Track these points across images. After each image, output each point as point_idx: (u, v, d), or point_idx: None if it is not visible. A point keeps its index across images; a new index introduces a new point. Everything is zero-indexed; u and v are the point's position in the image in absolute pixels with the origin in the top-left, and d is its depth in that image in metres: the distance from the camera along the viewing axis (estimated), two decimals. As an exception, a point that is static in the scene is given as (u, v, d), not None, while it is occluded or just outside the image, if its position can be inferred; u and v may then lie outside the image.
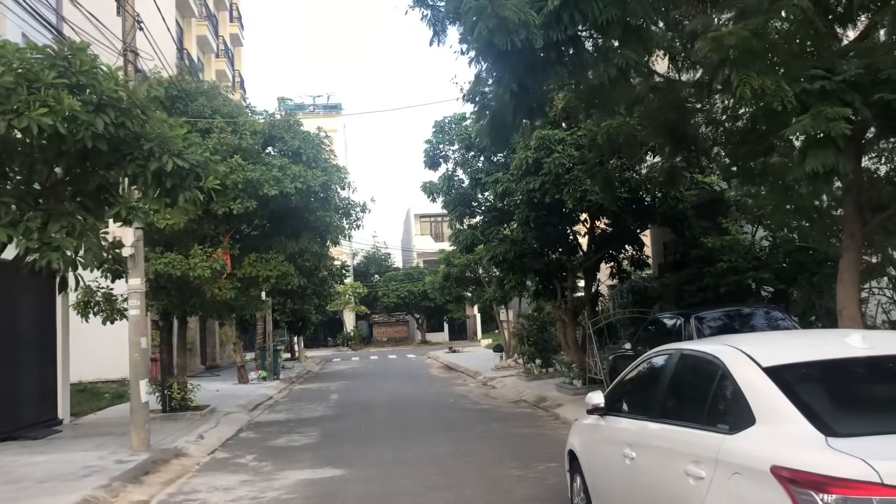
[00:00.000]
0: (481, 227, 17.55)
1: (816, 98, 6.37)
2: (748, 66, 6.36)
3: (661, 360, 5.40)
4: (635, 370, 5.85)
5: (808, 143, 6.51)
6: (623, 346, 13.93)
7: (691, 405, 4.69)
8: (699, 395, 4.61)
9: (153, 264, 14.55)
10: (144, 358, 12.23)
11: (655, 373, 5.38)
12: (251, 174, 14.99)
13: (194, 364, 33.06)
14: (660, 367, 5.33)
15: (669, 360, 5.14)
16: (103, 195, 7.73)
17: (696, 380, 4.77)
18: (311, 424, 15.63)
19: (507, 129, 9.19)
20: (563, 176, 13.92)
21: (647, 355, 5.71)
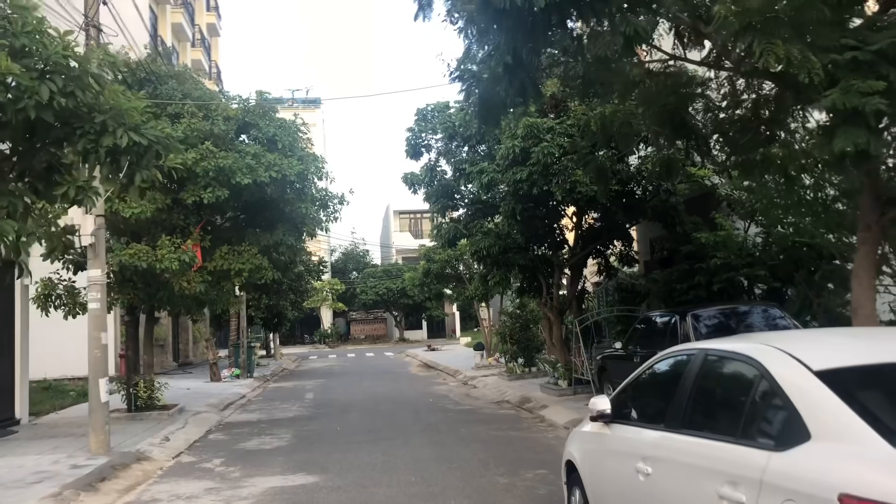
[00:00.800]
0: (464, 220, 16.83)
1: (846, 70, 5.75)
2: (772, 33, 5.74)
3: (679, 362, 4.74)
4: (647, 373, 5.19)
5: (838, 121, 5.89)
6: (613, 346, 13.33)
7: (722, 415, 4.02)
8: (732, 404, 3.95)
9: (117, 255, 13.71)
10: (105, 354, 11.42)
11: (673, 376, 4.71)
12: (223, 161, 14.19)
13: (166, 361, 32.12)
14: (678, 369, 4.66)
15: (691, 362, 4.46)
16: (54, 175, 6.94)
17: (728, 385, 4.12)
18: (285, 425, 14.87)
19: (497, 109, 8.51)
20: (552, 166, 13.26)
21: (662, 356, 5.05)
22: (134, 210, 13.88)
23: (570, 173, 13.00)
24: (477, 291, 25.79)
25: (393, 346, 53.30)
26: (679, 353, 4.81)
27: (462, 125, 15.55)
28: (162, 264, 13.76)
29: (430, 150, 17.20)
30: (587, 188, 12.91)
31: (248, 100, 16.25)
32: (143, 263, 13.70)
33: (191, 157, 14.03)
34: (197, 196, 14.53)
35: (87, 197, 6.58)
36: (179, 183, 14.98)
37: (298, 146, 16.08)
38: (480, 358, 26.00)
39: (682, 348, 4.82)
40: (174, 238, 14.35)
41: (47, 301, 14.58)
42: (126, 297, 15.16)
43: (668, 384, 4.72)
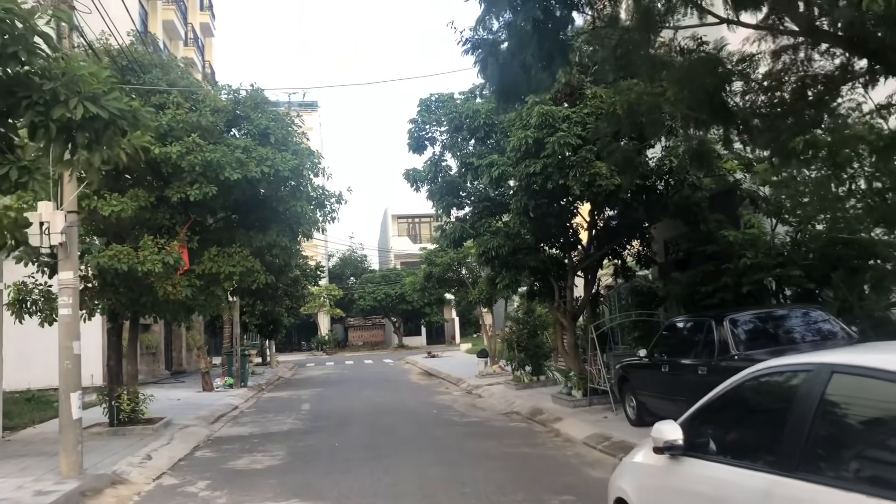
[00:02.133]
0: (471, 219, 15.70)
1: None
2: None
3: (787, 380, 3.63)
4: (732, 393, 4.08)
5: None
6: (636, 353, 12.23)
7: (873, 456, 2.93)
8: (888, 442, 2.85)
9: (96, 257, 12.60)
10: (77, 366, 10.30)
11: (778, 398, 3.61)
12: (210, 155, 13.10)
13: (158, 370, 31.00)
14: (787, 390, 3.56)
15: (809, 382, 3.36)
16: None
17: (879, 416, 3.02)
18: (279, 441, 13.74)
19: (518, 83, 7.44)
20: (569, 158, 12.18)
21: (755, 372, 3.93)
22: (114, 208, 12.79)
23: (588, 165, 11.91)
24: (481, 296, 24.72)
25: (392, 353, 52.15)
26: (787, 369, 3.70)
27: (469, 116, 14.45)
28: (144, 267, 12.66)
29: (434, 143, 16.06)
30: (607, 181, 11.81)
31: (238, 90, 15.17)
32: (124, 266, 12.59)
33: (175, 150, 12.96)
34: (183, 193, 13.45)
35: (34, 179, 5.48)
36: (164, 179, 13.95)
37: (293, 140, 15.01)
38: (484, 366, 24.89)
39: (793, 363, 3.71)
40: (158, 239, 13.25)
41: (21, 307, 13.50)
42: (106, 303, 14.05)
43: (771, 410, 3.62)
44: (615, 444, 11.02)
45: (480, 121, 14.27)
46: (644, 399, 11.92)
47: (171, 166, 13.32)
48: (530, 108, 12.56)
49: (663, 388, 11.20)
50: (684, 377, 10.55)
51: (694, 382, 10.15)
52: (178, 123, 13.43)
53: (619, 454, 10.46)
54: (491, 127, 14.32)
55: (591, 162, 11.95)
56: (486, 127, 14.33)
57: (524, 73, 7.08)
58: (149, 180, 14.72)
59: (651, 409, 11.84)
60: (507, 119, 13.69)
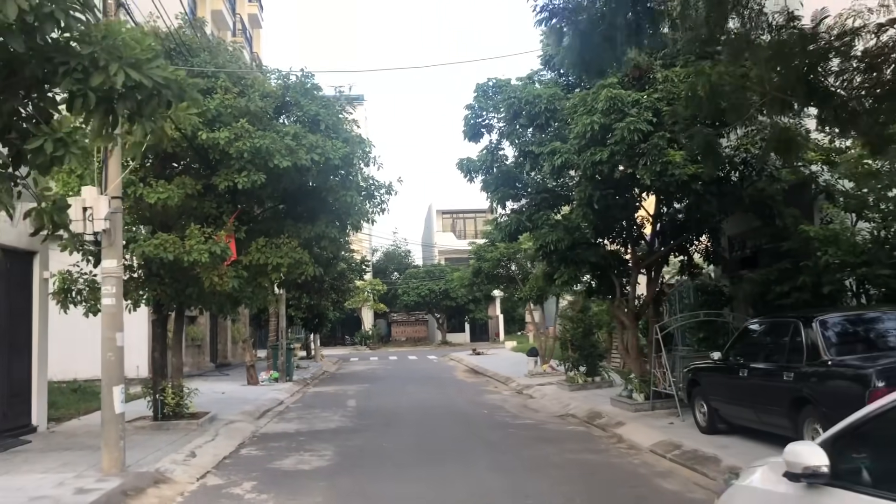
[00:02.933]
0: (528, 211, 14.90)
1: None
2: None
3: None
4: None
5: None
6: (709, 355, 11.38)
7: None
8: None
9: (141, 245, 12.20)
10: (120, 358, 9.88)
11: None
12: (260, 142, 12.59)
13: (204, 362, 30.91)
14: None
15: None
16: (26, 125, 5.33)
17: None
18: (326, 440, 13.22)
19: (600, 53, 6.71)
20: (639, 145, 11.37)
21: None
22: (160, 195, 12.38)
23: (660, 153, 11.09)
24: (531, 293, 23.93)
25: (435, 349, 51.61)
26: None
27: (528, 102, 13.66)
28: (190, 256, 12.22)
29: (491, 130, 15.28)
30: (681, 171, 10.98)
31: (288, 75, 14.66)
32: (170, 255, 12.18)
33: (223, 136, 12.49)
34: (230, 181, 12.98)
35: (70, 153, 4.94)
36: (211, 166, 13.51)
37: (343, 127, 14.45)
38: (534, 365, 24.13)
39: None
40: (205, 228, 12.80)
41: (66, 297, 13.20)
42: (151, 294, 13.68)
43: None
44: (687, 454, 10.23)
45: (541, 106, 13.50)
46: (717, 405, 11.09)
47: (219, 153, 12.87)
48: (596, 93, 11.79)
49: (741, 395, 10.36)
50: (767, 383, 9.72)
51: (778, 389, 9.34)
52: (226, 108, 12.96)
53: (693, 464, 9.69)
54: (552, 113, 13.54)
55: (663, 149, 11.12)
56: (547, 113, 13.55)
57: (606, 44, 6.36)
58: (196, 168, 14.32)
59: (725, 417, 11.01)
60: (569, 105, 12.92)
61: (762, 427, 10.11)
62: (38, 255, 14.04)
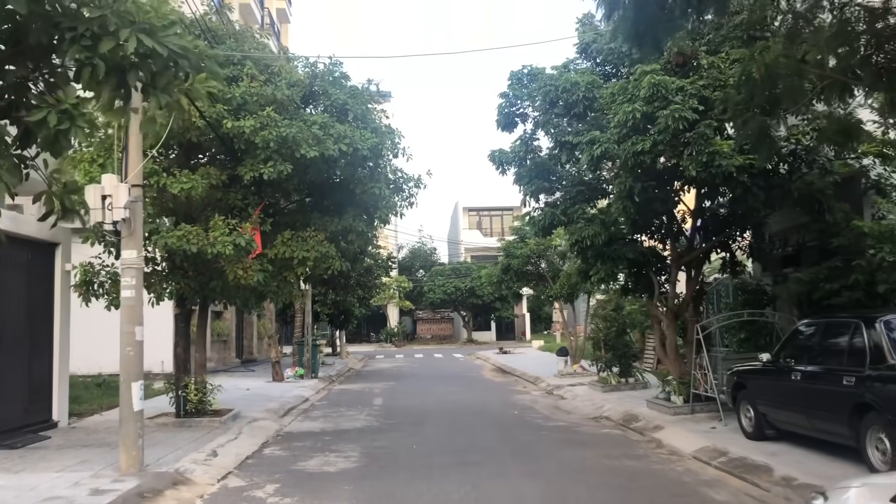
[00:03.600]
0: (562, 204, 14.31)
1: None
2: None
3: None
4: None
5: None
6: (759, 357, 10.72)
7: None
8: None
9: (164, 237, 11.83)
10: (139, 353, 9.48)
11: None
12: (286, 131, 12.17)
13: (229, 358, 30.71)
14: None
15: None
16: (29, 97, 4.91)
17: None
18: (352, 440, 12.77)
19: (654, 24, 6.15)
20: (683, 134, 10.76)
21: None
22: (183, 185, 12.01)
23: (706, 142, 10.46)
24: (562, 291, 23.32)
25: (461, 347, 51.09)
26: None
27: (565, 90, 13.03)
28: (214, 249, 11.84)
29: (525, 120, 14.70)
30: (728, 161, 10.35)
31: (315, 63, 14.22)
32: (193, 247, 11.80)
33: (249, 124, 12.08)
34: (256, 171, 12.57)
35: (76, 127, 4.50)
36: (236, 156, 13.14)
37: (372, 117, 13.98)
38: (564, 364, 23.52)
39: None
40: (229, 219, 12.41)
41: (88, 289, 12.89)
42: (175, 287, 13.32)
43: None
44: (734, 461, 9.62)
45: (579, 94, 12.88)
46: (766, 410, 10.45)
47: (244, 142, 12.47)
48: (638, 79, 11.18)
49: (794, 400, 9.73)
50: (823, 387, 9.09)
51: (836, 394, 8.72)
52: (251, 97, 12.55)
53: (742, 472, 9.09)
54: (590, 102, 12.92)
55: (709, 139, 10.49)
56: (585, 101, 12.94)
57: (663, 14, 5.82)
58: (221, 159, 13.95)
59: (773, 422, 10.38)
60: (607, 93, 12.32)
61: (815, 434, 9.49)
62: (61, 247, 13.76)
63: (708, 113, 10.90)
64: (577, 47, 14.40)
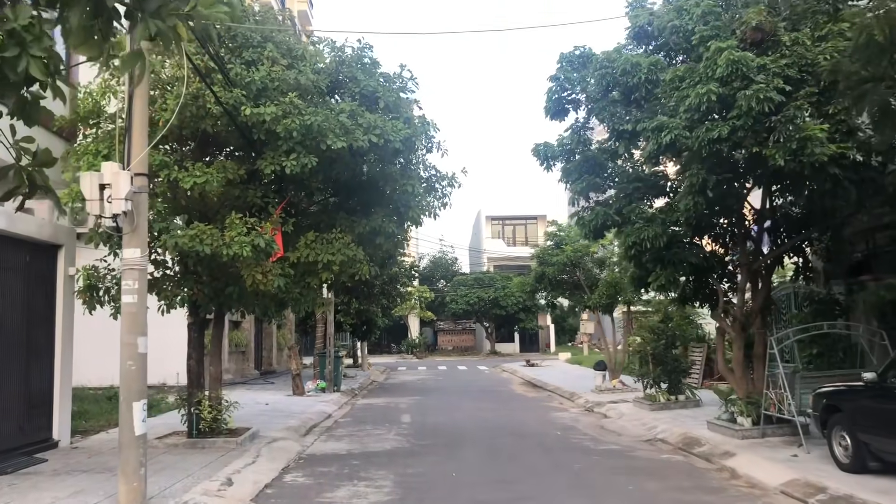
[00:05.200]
0: (616, 203, 12.86)
1: None
2: None
3: None
4: None
5: None
6: (862, 377, 9.23)
7: None
8: None
9: (174, 237, 10.56)
10: (142, 368, 8.18)
11: None
12: (311, 119, 10.89)
13: (248, 369, 29.50)
14: None
15: None
16: None
17: None
18: (382, 465, 11.41)
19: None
20: (768, 118, 9.36)
21: None
22: (196, 179, 10.76)
23: (796, 127, 9.03)
24: (600, 300, 21.85)
25: (484, 359, 49.62)
26: None
27: (626, 72, 11.54)
28: (230, 250, 10.56)
29: (577, 107, 13.28)
30: (822, 148, 8.91)
31: (343, 48, 12.94)
32: (207, 248, 10.52)
33: (269, 111, 10.81)
34: (277, 165, 11.29)
35: (29, 56, 3.20)
36: (256, 149, 11.87)
37: (405, 108, 12.67)
38: (602, 380, 22.00)
39: None
40: (247, 218, 11.14)
41: (92, 295, 11.66)
42: (188, 294, 12.06)
43: None
44: (839, 501, 8.15)
45: (640, 77, 11.42)
46: (868, 438, 8.96)
47: (265, 132, 11.21)
48: (712, 57, 9.79)
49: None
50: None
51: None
52: (272, 81, 11.30)
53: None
54: (654, 85, 11.50)
55: (800, 123, 9.05)
56: (647, 85, 11.52)
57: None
58: (239, 155, 12.70)
59: (879, 453, 8.89)
60: (669, 77, 10.90)
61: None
62: (64, 249, 12.58)
63: (795, 95, 9.48)
64: (630, 31, 12.96)
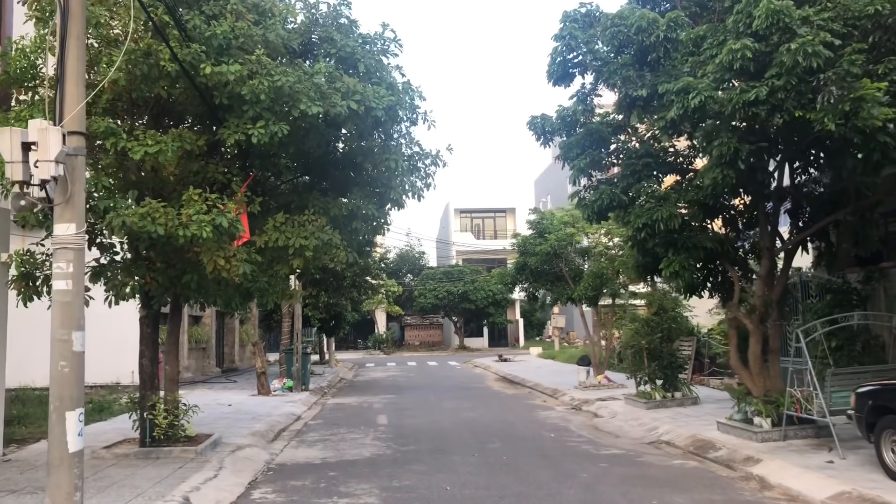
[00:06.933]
0: (623, 181, 11.53)
1: None
2: None
3: None
4: None
5: None
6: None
7: None
8: None
9: (121, 214, 9.02)
10: (76, 369, 6.67)
11: None
12: (282, 79, 9.44)
13: (209, 367, 27.79)
14: None
15: None
16: None
17: None
18: (364, 476, 10.03)
19: None
20: (815, 76, 8.12)
21: None
22: (148, 149, 9.25)
23: (849, 85, 7.83)
24: (585, 292, 20.65)
25: (453, 354, 48.44)
26: None
27: (641, 29, 10.09)
28: (188, 231, 9.07)
29: (585, 71, 11.88)
30: (878, 110, 7.68)
31: (317, 4, 11.47)
32: (160, 228, 9.02)
33: (233, 70, 9.32)
34: (243, 133, 9.81)
35: None
36: (218, 116, 10.36)
37: (386, 72, 11.26)
38: (586, 375, 20.85)
39: None
40: (207, 193, 9.64)
41: (28, 284, 10.08)
42: (139, 282, 10.51)
43: None
44: (907, 520, 6.99)
45: (658, 35, 10.07)
46: (931, 445, 7.83)
47: (227, 95, 9.72)
48: (745, 9, 8.55)
49: None
50: None
51: None
52: (236, 39, 9.79)
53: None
54: (673, 44, 10.18)
55: (854, 79, 7.84)
56: (665, 44, 10.17)
57: None
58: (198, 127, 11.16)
59: (943, 462, 7.76)
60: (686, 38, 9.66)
61: None
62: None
63: (841, 52, 8.27)
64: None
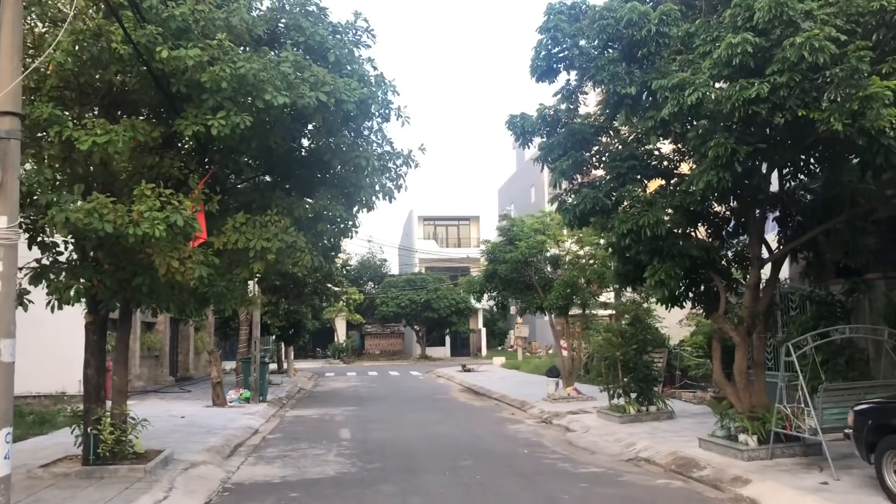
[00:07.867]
0: (606, 185, 10.95)
1: None
2: None
3: None
4: None
5: None
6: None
7: None
8: None
9: (64, 210, 8.17)
10: (5, 382, 5.84)
11: None
12: (246, 66, 8.70)
13: (162, 376, 26.62)
14: None
15: None
16: None
17: None
18: (327, 496, 9.28)
19: None
20: (820, 73, 7.65)
21: None
22: (96, 138, 8.43)
23: (856, 83, 7.37)
24: (556, 302, 20.12)
25: (415, 364, 47.73)
26: None
27: (631, 23, 9.54)
28: (139, 229, 8.27)
29: (570, 67, 11.28)
30: (886, 110, 7.24)
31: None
32: (108, 226, 8.20)
33: (192, 54, 8.55)
34: (202, 125, 9.03)
35: None
36: (174, 105, 9.56)
37: (358, 64, 10.57)
38: (555, 387, 20.29)
39: None
40: (161, 188, 8.84)
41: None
42: (85, 285, 9.64)
43: None
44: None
45: (650, 29, 9.55)
46: (939, 467, 7.37)
47: (186, 82, 8.94)
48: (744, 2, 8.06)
49: None
50: None
51: None
52: (196, 22, 9.02)
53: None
54: (664, 38, 9.65)
55: (861, 78, 7.39)
56: (657, 38, 9.65)
57: None
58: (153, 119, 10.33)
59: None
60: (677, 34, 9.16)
61: None
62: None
63: (844, 49, 7.82)
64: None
